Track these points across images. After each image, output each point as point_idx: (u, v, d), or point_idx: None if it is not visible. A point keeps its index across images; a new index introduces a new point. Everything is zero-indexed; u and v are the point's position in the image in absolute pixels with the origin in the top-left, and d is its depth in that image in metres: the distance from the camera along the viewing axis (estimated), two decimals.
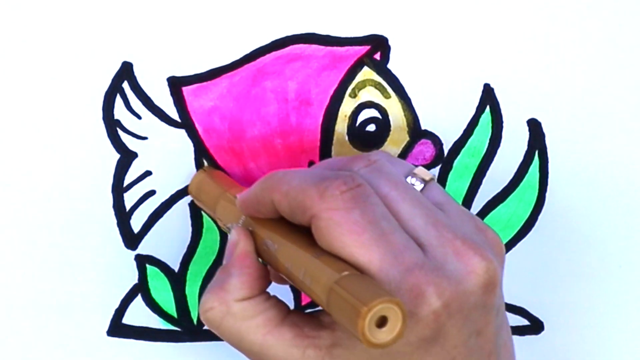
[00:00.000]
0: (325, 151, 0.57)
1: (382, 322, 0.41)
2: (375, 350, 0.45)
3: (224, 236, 0.57)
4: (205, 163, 0.56)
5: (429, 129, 0.57)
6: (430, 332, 0.44)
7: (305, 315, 0.48)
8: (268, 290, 0.49)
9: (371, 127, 0.57)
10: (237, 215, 0.51)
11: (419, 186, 0.48)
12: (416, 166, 0.49)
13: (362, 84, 0.56)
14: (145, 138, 0.56)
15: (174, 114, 0.56)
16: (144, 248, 0.57)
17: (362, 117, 0.56)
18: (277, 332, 0.47)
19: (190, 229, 0.57)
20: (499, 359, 0.47)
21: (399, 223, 0.46)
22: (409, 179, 0.48)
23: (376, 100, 0.56)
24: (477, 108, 0.57)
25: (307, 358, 0.46)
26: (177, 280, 0.58)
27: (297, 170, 0.47)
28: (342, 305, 0.42)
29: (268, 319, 0.47)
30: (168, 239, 0.57)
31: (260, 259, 0.50)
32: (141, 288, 0.58)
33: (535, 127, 0.57)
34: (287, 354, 0.47)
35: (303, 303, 0.59)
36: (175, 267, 0.58)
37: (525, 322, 0.59)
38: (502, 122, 0.57)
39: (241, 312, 0.48)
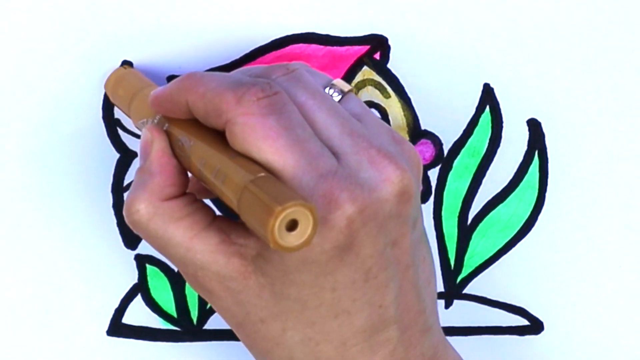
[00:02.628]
0: None
1: (292, 226, 0.41)
2: (291, 260, 0.45)
3: None
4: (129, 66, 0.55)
5: (429, 129, 0.57)
6: (344, 239, 0.44)
7: (231, 221, 0.48)
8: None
9: None
10: (152, 114, 0.50)
11: (337, 97, 0.48)
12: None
13: (362, 84, 0.56)
14: None
15: None
16: (143, 248, 0.57)
17: None
18: (203, 235, 0.47)
19: None
20: (417, 272, 0.47)
21: (315, 132, 0.46)
22: (327, 90, 0.48)
23: (376, 100, 0.56)
24: (477, 108, 0.57)
25: (231, 265, 0.46)
26: (176, 280, 0.58)
27: (215, 73, 0.47)
28: (254, 204, 0.41)
29: (195, 222, 0.47)
30: None
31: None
32: (141, 288, 0.58)
33: (535, 127, 0.57)
34: (212, 260, 0.46)
35: None
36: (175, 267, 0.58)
37: (525, 322, 0.59)
38: (502, 122, 0.57)
39: (169, 212, 0.47)
